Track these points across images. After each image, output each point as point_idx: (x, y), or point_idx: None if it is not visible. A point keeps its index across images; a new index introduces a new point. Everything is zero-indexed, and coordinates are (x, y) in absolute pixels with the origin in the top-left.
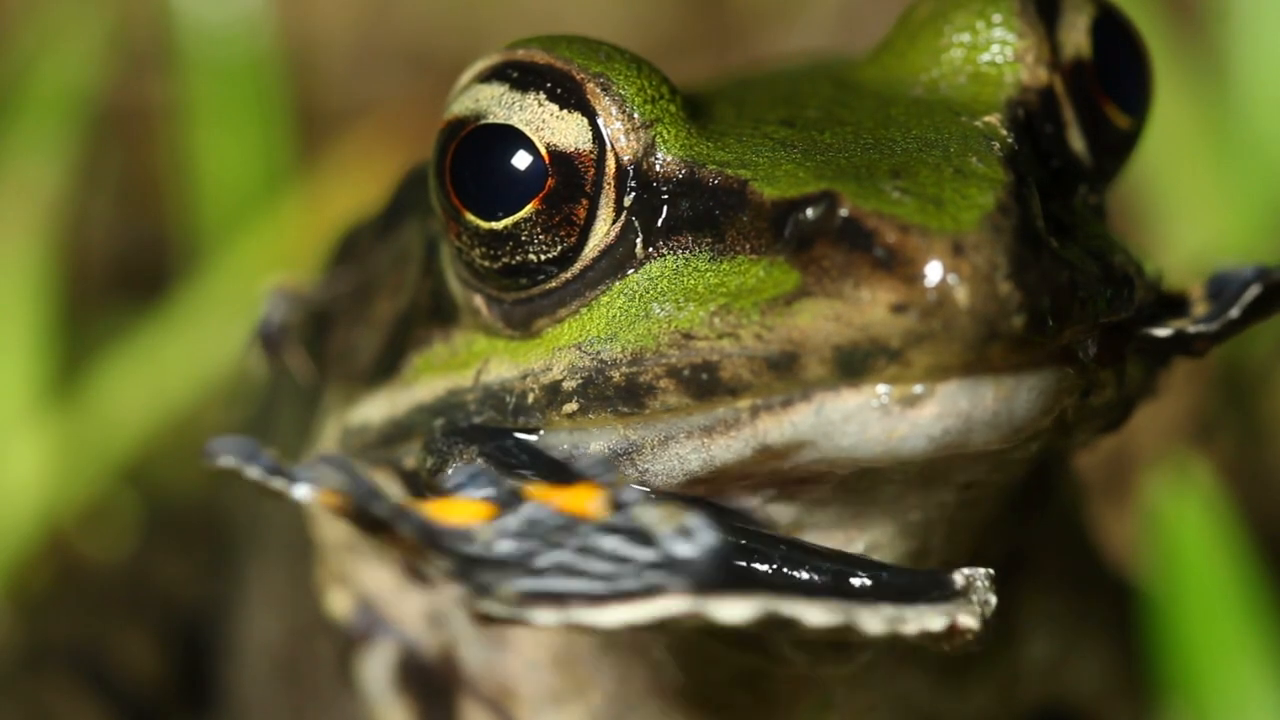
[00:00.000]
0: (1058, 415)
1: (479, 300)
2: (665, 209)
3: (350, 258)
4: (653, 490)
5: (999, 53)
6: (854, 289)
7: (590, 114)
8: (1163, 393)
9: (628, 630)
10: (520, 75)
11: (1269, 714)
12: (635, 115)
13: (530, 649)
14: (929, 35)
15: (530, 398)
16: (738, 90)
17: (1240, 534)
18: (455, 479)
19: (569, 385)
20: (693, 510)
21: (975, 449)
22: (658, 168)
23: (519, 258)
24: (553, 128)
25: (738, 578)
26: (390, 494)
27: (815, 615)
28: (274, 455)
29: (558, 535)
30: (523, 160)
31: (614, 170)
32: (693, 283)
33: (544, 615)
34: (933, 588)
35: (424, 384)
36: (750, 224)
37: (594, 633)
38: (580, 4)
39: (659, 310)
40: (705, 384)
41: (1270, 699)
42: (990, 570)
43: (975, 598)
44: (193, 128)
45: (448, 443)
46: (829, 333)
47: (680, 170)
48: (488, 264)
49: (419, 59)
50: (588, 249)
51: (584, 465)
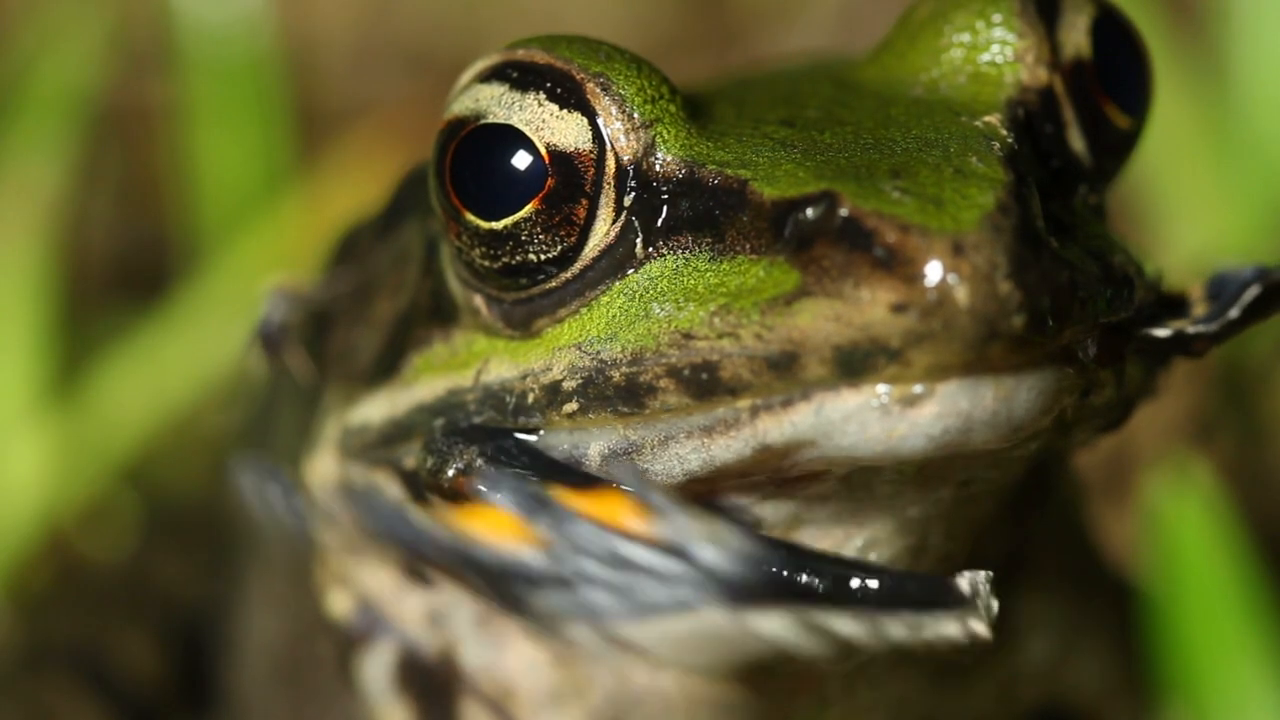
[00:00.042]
0: (1057, 415)
1: (479, 300)
2: (665, 209)
3: (350, 258)
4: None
5: (999, 53)
6: (854, 289)
7: (590, 114)
8: (1163, 393)
9: (670, 650)
10: (520, 75)
11: (1269, 714)
12: (635, 115)
13: (530, 649)
14: (929, 35)
15: (530, 398)
16: (738, 90)
17: (1240, 534)
18: (480, 484)
19: (569, 385)
20: (726, 521)
21: (975, 448)
22: (658, 168)
23: (519, 258)
24: (553, 128)
25: (774, 590)
26: (419, 514)
27: (845, 625)
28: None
29: (593, 548)
30: (523, 160)
31: (614, 170)
32: (693, 283)
33: (581, 633)
34: (942, 594)
35: (424, 384)
36: (750, 224)
37: (634, 651)
38: (580, 4)
39: (659, 310)
40: (705, 384)
41: (1270, 699)
42: (990, 573)
43: (981, 603)
44: (193, 128)
45: (448, 443)
46: (829, 332)
47: (680, 170)
48: (488, 264)
49: (419, 59)
50: (588, 249)
51: (607, 471)
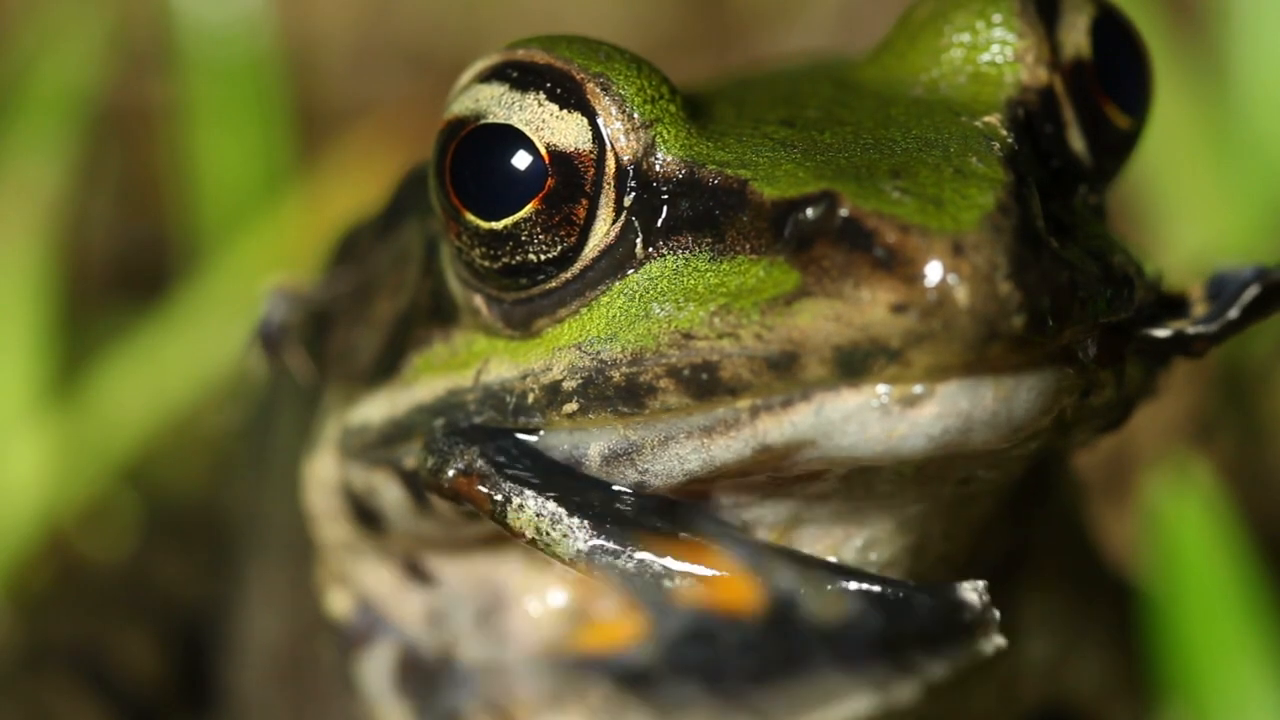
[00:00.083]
0: (1057, 415)
1: (479, 300)
2: (665, 209)
3: (350, 258)
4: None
5: (999, 53)
6: (854, 289)
7: (590, 114)
8: (1162, 393)
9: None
10: (520, 75)
11: (1269, 714)
12: (635, 115)
13: (530, 649)
14: (929, 35)
15: (530, 398)
16: (738, 90)
17: (1240, 534)
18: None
19: (569, 385)
20: (845, 589)
21: (975, 448)
22: (658, 168)
23: (519, 258)
24: (553, 128)
25: (897, 660)
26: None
27: (931, 671)
28: None
29: (719, 638)
30: (523, 160)
31: (614, 170)
32: (693, 283)
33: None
34: (948, 616)
35: (424, 384)
36: (750, 224)
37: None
38: (580, 4)
39: (659, 310)
40: (705, 384)
41: (1270, 699)
42: (983, 585)
43: (986, 615)
44: (193, 128)
45: (448, 443)
46: (829, 333)
47: (680, 170)
48: (488, 264)
49: (419, 59)
50: (588, 249)
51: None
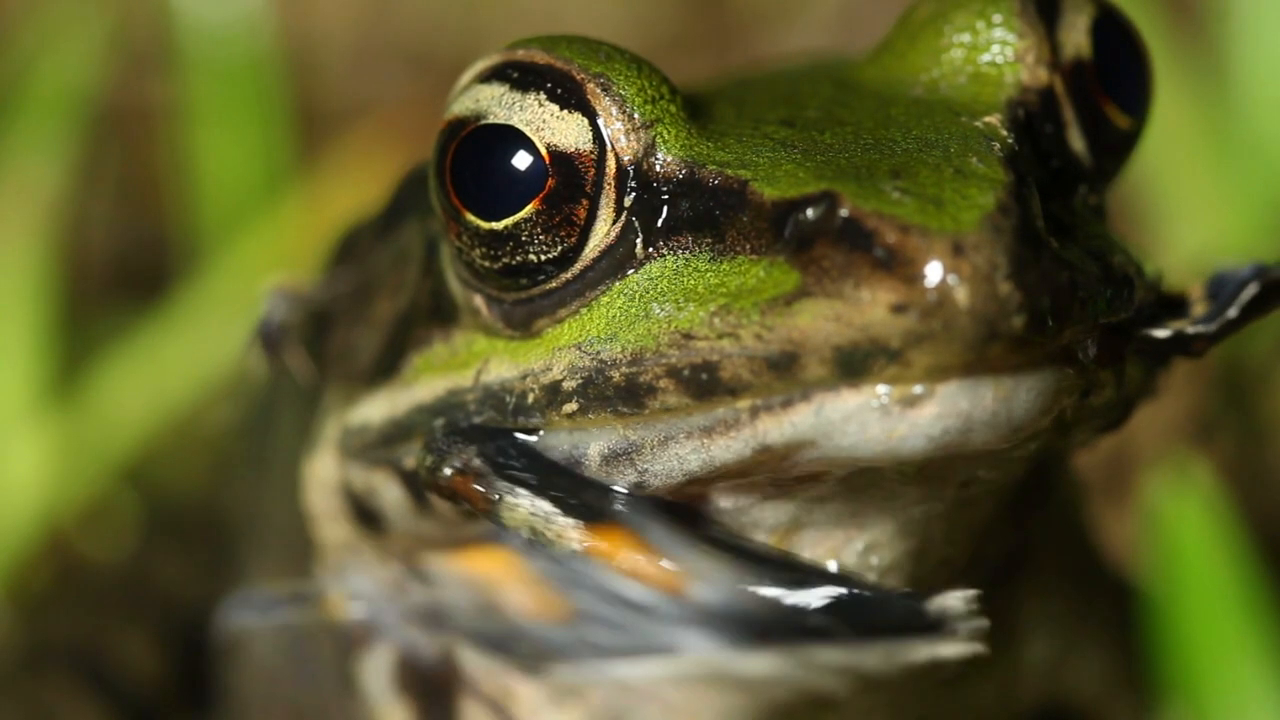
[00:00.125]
0: (1057, 415)
1: (479, 300)
2: (665, 209)
3: (350, 258)
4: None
5: (999, 53)
6: (854, 289)
7: (590, 114)
8: (1162, 393)
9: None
10: (520, 75)
11: (1269, 714)
12: (635, 115)
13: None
14: (929, 35)
15: (530, 398)
16: (738, 90)
17: (1240, 534)
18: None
19: (569, 385)
20: (719, 557)
21: (975, 449)
22: (658, 168)
23: (519, 258)
24: (553, 128)
25: (762, 631)
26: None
27: (829, 657)
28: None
29: (591, 585)
30: (523, 160)
31: (614, 170)
32: (693, 283)
33: (569, 672)
34: (922, 618)
35: (424, 384)
36: (750, 224)
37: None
38: (580, 4)
39: (659, 310)
40: (705, 384)
41: (1270, 699)
42: (973, 593)
43: (957, 626)
44: (193, 128)
45: (446, 442)
46: (829, 333)
47: (680, 170)
48: (488, 264)
49: (419, 59)
50: (588, 249)
51: (607, 475)
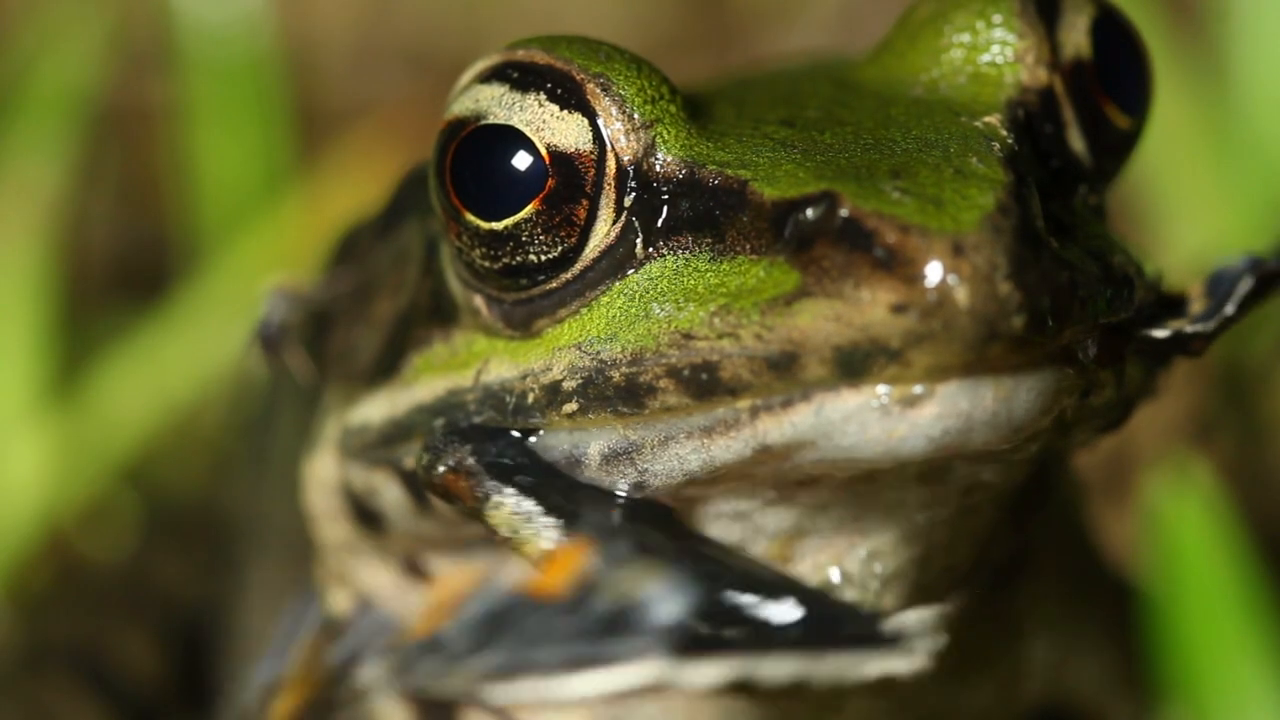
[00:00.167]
0: (1057, 415)
1: (479, 300)
2: (665, 209)
3: (350, 258)
4: (637, 537)
5: (999, 53)
6: (854, 289)
7: (590, 114)
8: (1163, 393)
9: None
10: (520, 76)
11: (1269, 714)
12: (635, 115)
13: None
14: (929, 35)
15: (530, 398)
16: (738, 90)
17: (1240, 534)
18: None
19: (569, 385)
20: (657, 569)
21: (975, 449)
22: (658, 168)
23: (519, 258)
24: (553, 128)
25: (706, 642)
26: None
27: (777, 669)
28: None
29: (515, 619)
30: (523, 161)
31: (614, 170)
32: (693, 283)
33: (498, 693)
34: (874, 632)
35: (424, 384)
36: (750, 224)
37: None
38: (580, 4)
39: (659, 310)
40: (705, 384)
41: (1270, 699)
42: (935, 612)
43: (912, 643)
44: (193, 128)
45: (444, 441)
46: (829, 333)
47: (680, 170)
48: (488, 264)
49: (419, 59)
50: (588, 249)
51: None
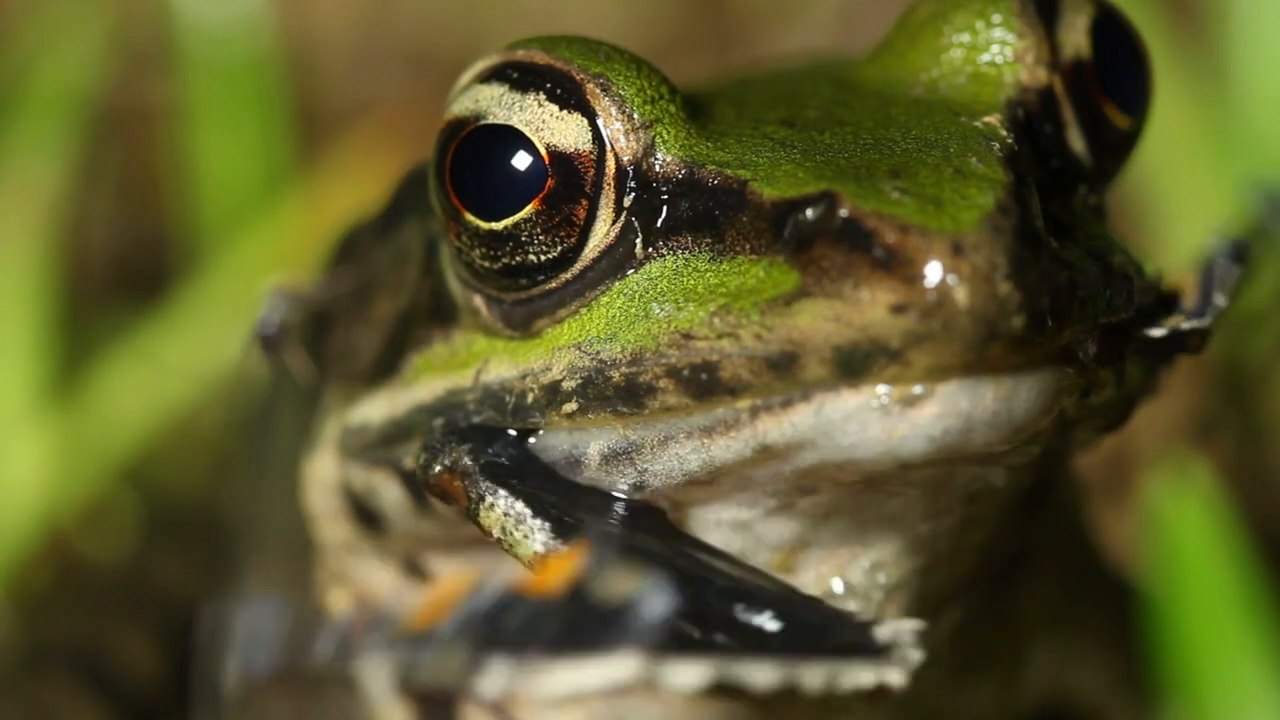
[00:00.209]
0: (1058, 415)
1: (479, 300)
2: (665, 209)
3: (350, 258)
4: (626, 536)
5: (999, 53)
6: (854, 289)
7: (590, 114)
8: (1163, 391)
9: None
10: (520, 76)
11: (1269, 714)
12: (635, 115)
13: None
14: (929, 35)
15: (530, 397)
16: (738, 90)
17: (1240, 534)
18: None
19: (569, 385)
20: (648, 571)
21: (976, 450)
22: (658, 168)
23: (519, 258)
24: (552, 128)
25: (689, 642)
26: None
27: (761, 675)
28: None
29: (508, 616)
30: (523, 161)
31: (614, 171)
32: (693, 283)
33: (489, 682)
34: (863, 642)
35: (424, 384)
36: (750, 224)
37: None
38: (580, 4)
39: (659, 310)
40: (705, 384)
41: (1270, 699)
42: (918, 625)
43: (900, 654)
44: (193, 128)
45: (442, 440)
46: (829, 333)
47: (680, 170)
48: (488, 264)
49: (419, 59)
50: (588, 249)
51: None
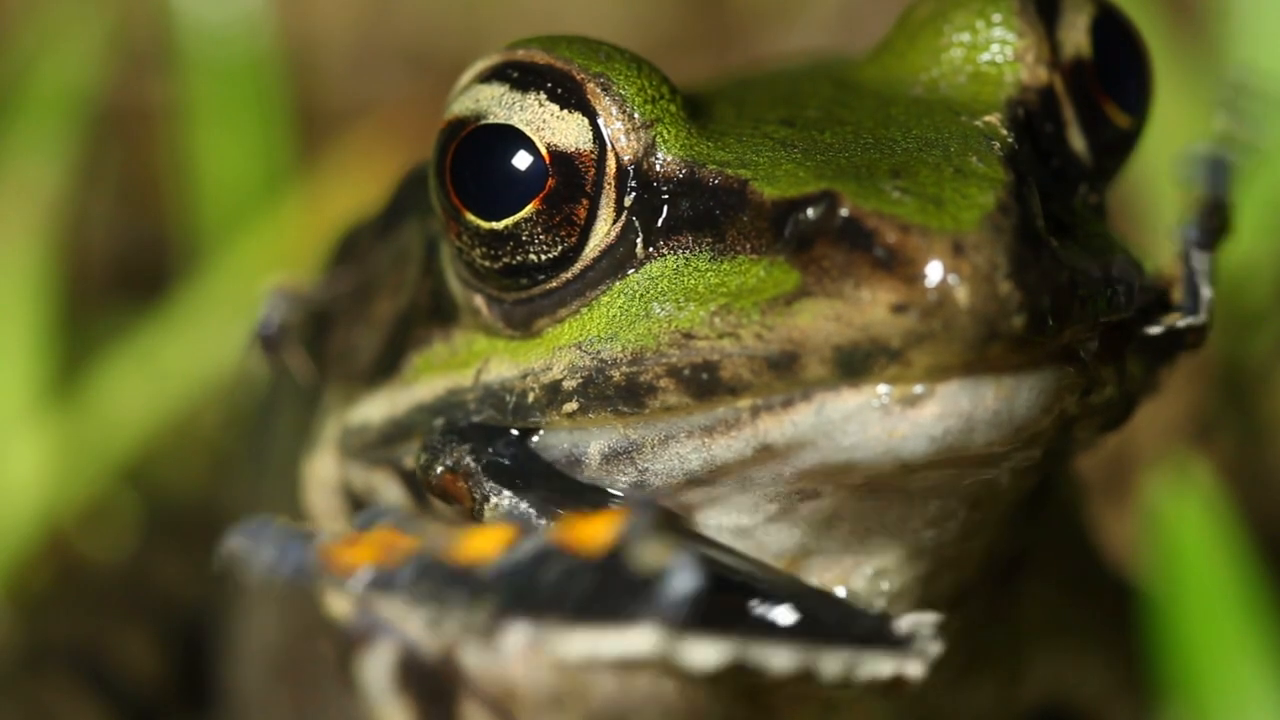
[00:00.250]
0: (1058, 414)
1: (479, 300)
2: (665, 209)
3: (350, 258)
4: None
5: (999, 52)
6: (854, 289)
7: (590, 114)
8: (1164, 389)
9: (595, 668)
10: (520, 75)
11: (1269, 714)
12: (635, 115)
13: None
14: (929, 35)
15: (530, 397)
16: (738, 90)
17: (1240, 534)
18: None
19: (569, 385)
20: (682, 547)
21: (977, 449)
22: (658, 168)
23: (519, 258)
24: (553, 128)
25: (711, 621)
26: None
27: (780, 660)
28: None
29: (544, 568)
30: (523, 160)
31: (614, 170)
32: (693, 282)
33: (513, 638)
34: (882, 633)
35: (424, 383)
36: (750, 224)
37: (562, 666)
38: (580, 4)
39: (659, 310)
40: (705, 383)
41: (1270, 699)
42: (936, 618)
43: (919, 646)
44: (193, 128)
45: (442, 440)
46: (829, 332)
47: (680, 170)
48: (488, 264)
49: (419, 59)
50: (588, 249)
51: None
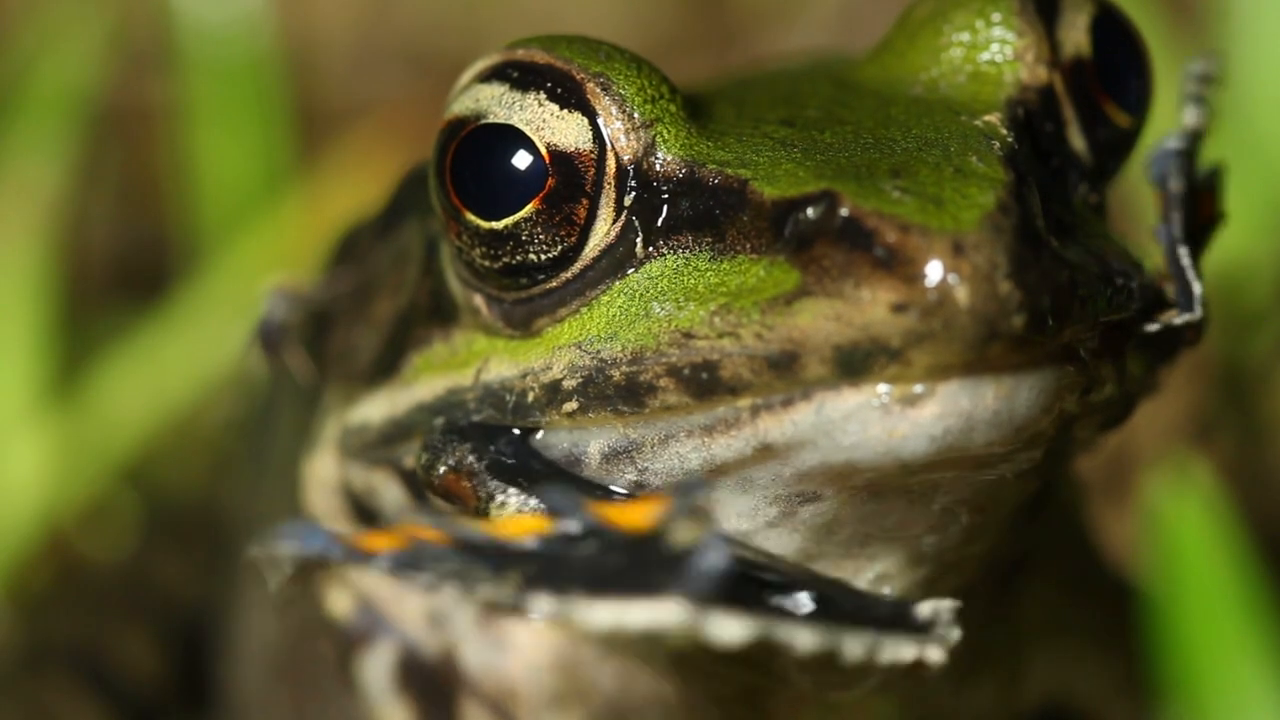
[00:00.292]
0: (1059, 413)
1: (479, 300)
2: (665, 208)
3: (350, 258)
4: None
5: (998, 52)
6: (854, 288)
7: (590, 114)
8: (1164, 388)
9: (621, 637)
10: (520, 75)
11: (1269, 714)
12: (635, 115)
13: (531, 651)
14: (929, 35)
15: (530, 396)
16: (738, 90)
17: (1240, 534)
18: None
19: (569, 384)
20: (715, 527)
21: (977, 449)
22: (658, 167)
23: (519, 257)
24: (553, 127)
25: (738, 598)
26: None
27: (804, 639)
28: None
29: (582, 544)
30: (523, 160)
31: (614, 170)
32: (693, 282)
33: (543, 603)
34: (903, 618)
35: (424, 383)
36: (750, 223)
37: (588, 634)
38: (580, 4)
39: (659, 309)
40: (705, 383)
41: (1270, 699)
42: (954, 604)
43: (939, 631)
44: (193, 128)
45: (443, 440)
46: (829, 332)
47: (680, 170)
48: (488, 264)
49: (419, 59)
50: (588, 248)
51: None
